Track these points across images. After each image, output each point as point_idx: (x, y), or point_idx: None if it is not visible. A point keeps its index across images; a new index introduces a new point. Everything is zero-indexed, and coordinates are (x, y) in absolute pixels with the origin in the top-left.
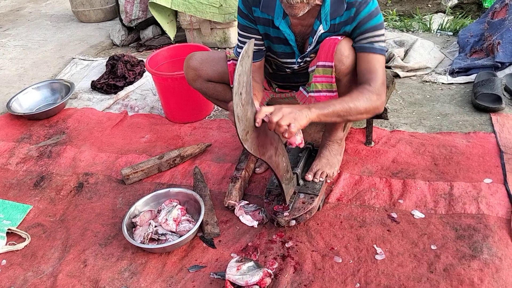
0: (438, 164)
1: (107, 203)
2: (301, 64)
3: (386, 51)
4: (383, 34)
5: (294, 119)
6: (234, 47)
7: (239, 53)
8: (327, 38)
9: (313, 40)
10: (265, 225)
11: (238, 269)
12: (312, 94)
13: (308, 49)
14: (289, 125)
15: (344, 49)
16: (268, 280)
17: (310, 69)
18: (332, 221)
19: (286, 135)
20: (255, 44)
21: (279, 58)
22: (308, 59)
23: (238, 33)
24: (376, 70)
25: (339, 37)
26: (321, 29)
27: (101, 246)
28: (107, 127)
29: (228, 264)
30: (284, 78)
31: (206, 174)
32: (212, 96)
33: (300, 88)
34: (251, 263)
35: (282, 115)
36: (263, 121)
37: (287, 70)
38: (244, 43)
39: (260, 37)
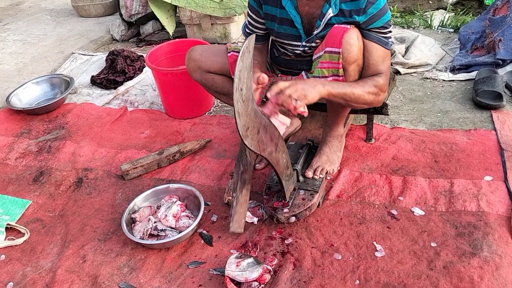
0: (439, 161)
1: (106, 199)
2: (306, 49)
3: (391, 44)
4: (391, 31)
5: (304, 96)
6: (234, 42)
7: (247, 32)
8: (335, 25)
9: (322, 23)
10: (265, 221)
11: (237, 265)
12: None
13: (315, 32)
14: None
15: (352, 37)
16: (267, 277)
17: (314, 56)
18: (332, 217)
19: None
20: (259, 28)
21: (284, 40)
22: (313, 44)
23: (248, 14)
24: (388, 65)
25: (348, 26)
26: (330, 13)
27: (100, 241)
28: (106, 123)
29: (228, 260)
30: (288, 63)
31: (206, 170)
32: (211, 88)
33: (302, 72)
34: (250, 260)
35: (296, 89)
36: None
37: (291, 54)
38: (252, 25)
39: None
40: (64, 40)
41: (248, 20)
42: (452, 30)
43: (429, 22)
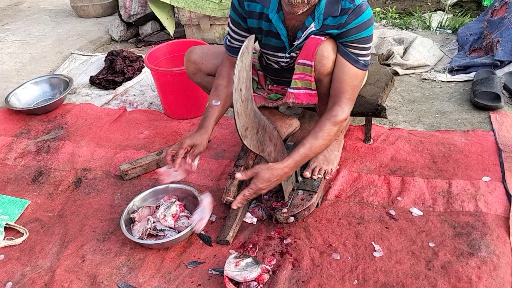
0: (437, 162)
1: (105, 199)
2: (288, 59)
3: (368, 65)
4: (369, 48)
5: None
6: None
7: (228, 45)
8: (311, 36)
9: (302, 35)
10: (264, 221)
11: (236, 265)
12: (292, 90)
13: (296, 43)
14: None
15: (326, 50)
16: (266, 277)
17: (295, 67)
18: (330, 218)
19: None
20: (239, 40)
21: (269, 51)
22: (294, 54)
23: (228, 25)
24: (356, 86)
25: (322, 38)
26: (312, 27)
27: (99, 241)
28: (105, 123)
29: (227, 260)
30: (276, 72)
31: (205, 170)
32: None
33: (287, 88)
34: (249, 259)
35: (258, 190)
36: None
37: (275, 65)
38: (232, 37)
39: (247, 35)
40: (63, 40)
41: (229, 34)
42: (450, 31)
43: (428, 24)
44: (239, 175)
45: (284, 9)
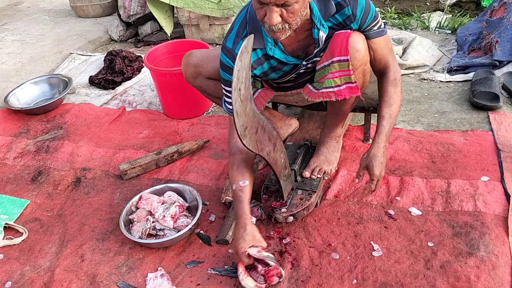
0: (436, 162)
1: (104, 198)
2: (308, 65)
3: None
4: (379, 16)
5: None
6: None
7: (229, 109)
8: (336, 33)
9: (320, 45)
10: (263, 221)
11: (259, 252)
12: (331, 89)
13: (316, 51)
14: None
15: (358, 41)
16: (275, 279)
17: (318, 67)
18: (329, 217)
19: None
20: None
21: (283, 78)
22: (317, 58)
23: (224, 89)
24: (391, 47)
25: (348, 31)
26: (322, 35)
27: (99, 241)
28: (105, 123)
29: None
30: (290, 87)
31: (204, 170)
32: (211, 94)
33: (307, 84)
34: (269, 254)
35: (380, 177)
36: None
37: (294, 74)
38: (230, 97)
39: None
40: (62, 40)
41: (228, 96)
42: (449, 31)
43: (427, 24)
44: (357, 180)
45: (271, 37)
